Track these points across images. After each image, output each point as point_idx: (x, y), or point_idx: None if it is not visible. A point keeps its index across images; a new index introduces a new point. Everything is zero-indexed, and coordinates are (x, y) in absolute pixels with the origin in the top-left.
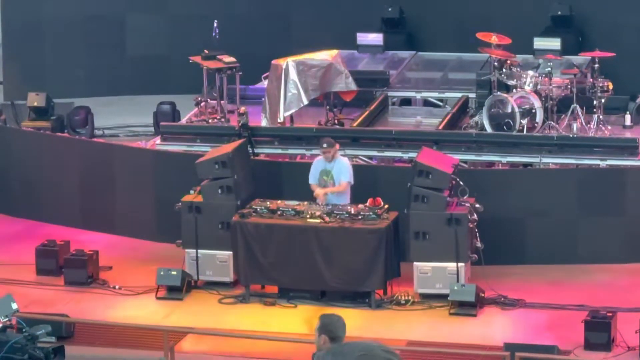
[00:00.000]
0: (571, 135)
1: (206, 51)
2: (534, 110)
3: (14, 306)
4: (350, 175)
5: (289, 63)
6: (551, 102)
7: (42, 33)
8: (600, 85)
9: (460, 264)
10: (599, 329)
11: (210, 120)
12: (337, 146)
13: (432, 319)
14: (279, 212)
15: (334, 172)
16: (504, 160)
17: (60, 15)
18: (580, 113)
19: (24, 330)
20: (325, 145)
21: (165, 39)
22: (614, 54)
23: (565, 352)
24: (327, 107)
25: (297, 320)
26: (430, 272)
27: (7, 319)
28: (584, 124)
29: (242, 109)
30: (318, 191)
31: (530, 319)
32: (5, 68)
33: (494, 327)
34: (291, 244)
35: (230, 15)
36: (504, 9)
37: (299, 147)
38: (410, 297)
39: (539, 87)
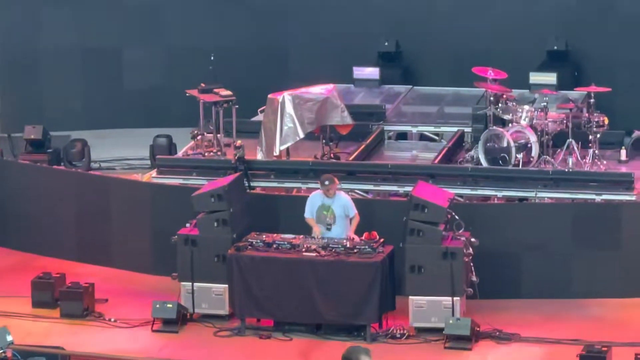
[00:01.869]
0: (567, 170)
1: (203, 84)
2: (529, 145)
3: (9, 338)
4: (355, 208)
5: (285, 97)
6: (547, 136)
7: (39, 66)
8: (596, 120)
9: (455, 298)
10: None
11: (206, 154)
12: (337, 182)
13: (428, 353)
14: (274, 246)
15: (335, 207)
16: (500, 194)
17: (57, 47)
18: (575, 148)
19: None
20: (327, 182)
21: (162, 71)
22: (610, 89)
23: None
24: (323, 140)
25: (292, 353)
26: (426, 306)
27: (2, 351)
28: (579, 158)
29: (239, 142)
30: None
31: (525, 353)
32: (2, 100)
33: None
34: (287, 277)
35: (226, 48)
36: (500, 44)
37: (295, 181)
38: (405, 331)
39: (534, 121)
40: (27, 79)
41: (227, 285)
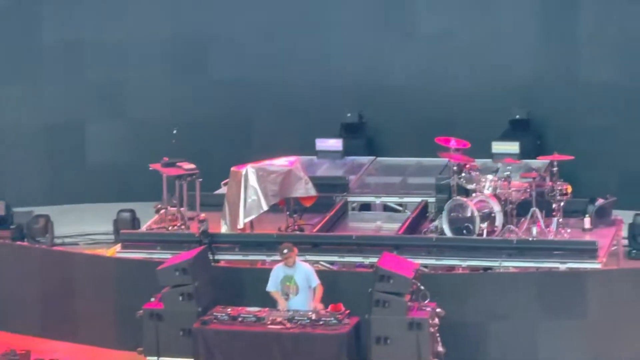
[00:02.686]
0: (531, 239)
1: (166, 158)
2: (493, 214)
3: None
4: (317, 278)
5: (248, 169)
6: (510, 205)
7: (2, 141)
8: (559, 188)
9: None
10: None
11: (170, 228)
12: (295, 250)
13: None
14: (240, 319)
15: (297, 277)
16: (464, 264)
17: (19, 123)
18: (539, 216)
19: None
20: (286, 251)
21: (125, 146)
22: (572, 157)
23: None
24: (288, 212)
25: None
26: None
27: None
28: (543, 227)
29: (202, 215)
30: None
31: None
32: None
33: None
34: (253, 350)
35: (189, 121)
36: (463, 114)
37: (260, 253)
38: None
39: (498, 191)
40: None
41: (193, 359)
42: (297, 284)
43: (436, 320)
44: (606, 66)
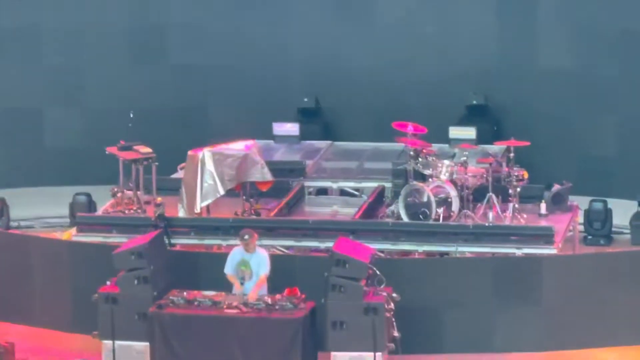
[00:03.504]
0: (487, 224)
1: (122, 142)
2: (449, 199)
3: None
4: (269, 267)
5: (205, 153)
6: (467, 191)
7: None
8: (516, 174)
9: (377, 354)
10: None
11: (126, 211)
12: (256, 236)
13: None
14: (196, 303)
15: (252, 263)
16: (420, 249)
17: None
18: (496, 202)
19: None
20: (246, 237)
21: (81, 130)
22: (529, 143)
23: None
24: (244, 197)
25: None
26: None
27: None
28: (499, 212)
29: (159, 199)
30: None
31: None
32: None
33: None
34: (208, 335)
35: (146, 106)
36: (420, 99)
37: (216, 237)
38: None
39: (454, 176)
40: None
41: (148, 344)
42: (252, 270)
43: (392, 305)
44: (564, 53)
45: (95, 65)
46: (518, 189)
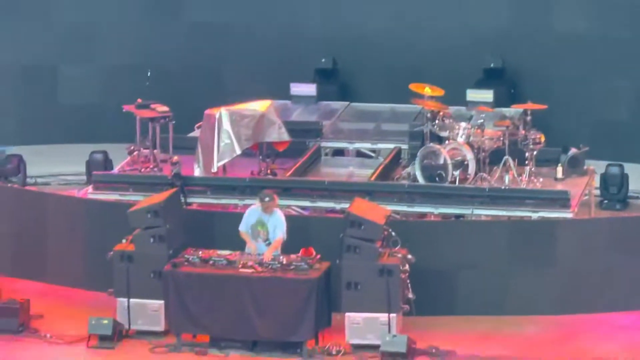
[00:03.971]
0: (503, 187)
1: (139, 100)
2: (466, 162)
3: None
4: (285, 229)
5: (222, 113)
6: (483, 153)
7: None
8: (532, 137)
9: (391, 315)
10: None
11: (142, 170)
12: (277, 198)
13: None
14: (211, 262)
15: (269, 225)
16: (436, 211)
17: None
18: (512, 165)
19: None
20: (266, 199)
21: (98, 88)
22: (546, 107)
23: None
24: (260, 157)
25: None
26: (362, 323)
27: None
28: (515, 176)
29: (175, 158)
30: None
31: None
32: None
33: None
34: (223, 293)
35: (164, 64)
36: (437, 61)
37: (232, 197)
38: (341, 348)
39: (471, 138)
40: None
41: (163, 302)
42: (268, 231)
43: (407, 267)
44: (581, 15)
45: (110, 22)
46: (534, 153)
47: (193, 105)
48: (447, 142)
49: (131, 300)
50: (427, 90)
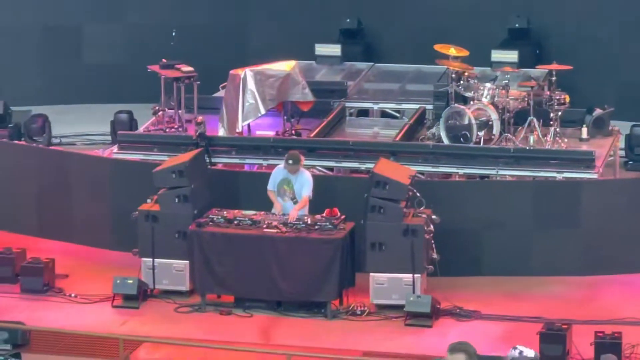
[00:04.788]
0: (528, 148)
1: (164, 60)
2: (490, 123)
3: None
4: (311, 188)
5: (247, 73)
6: (508, 114)
7: (0, 41)
8: (557, 98)
9: (416, 275)
10: (554, 341)
11: (167, 130)
12: (303, 160)
13: (388, 330)
14: (235, 222)
15: (296, 184)
16: (461, 171)
17: (17, 24)
18: (537, 125)
19: None
20: (290, 162)
21: (122, 48)
22: (571, 67)
23: None
24: (285, 117)
25: (253, 329)
26: (386, 283)
27: None
28: (540, 136)
29: (200, 118)
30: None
31: (486, 330)
32: None
33: (449, 338)
34: (247, 253)
35: (188, 24)
36: (462, 21)
37: (257, 157)
38: (366, 308)
39: (496, 99)
40: None
41: (187, 262)
42: (293, 190)
43: (431, 227)
44: None
45: None
46: (559, 113)
47: (218, 66)
48: (471, 102)
49: (156, 260)
50: (452, 50)
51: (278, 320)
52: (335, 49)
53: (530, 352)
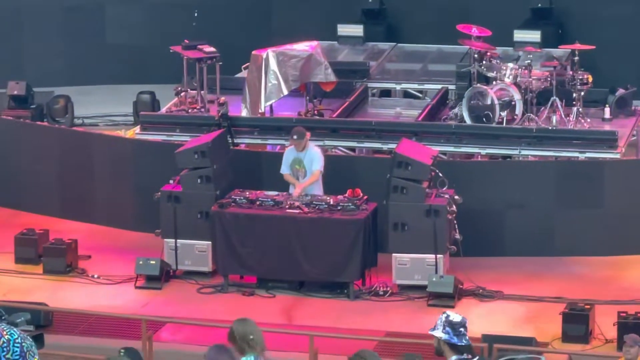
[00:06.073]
0: (550, 128)
1: (186, 41)
2: (513, 103)
3: None
4: (322, 163)
5: (269, 53)
6: (531, 94)
7: (21, 22)
8: (580, 77)
9: (438, 256)
10: (576, 321)
11: (190, 110)
12: (308, 135)
13: (411, 310)
14: (258, 203)
15: (306, 161)
16: (483, 152)
17: (39, 4)
18: (559, 105)
19: (2, 318)
20: (295, 137)
21: (145, 28)
22: (594, 47)
23: (543, 344)
24: (307, 97)
25: (275, 310)
26: (409, 263)
27: None
28: (563, 116)
29: (222, 99)
30: (297, 191)
31: (508, 310)
32: None
33: (472, 319)
34: (270, 234)
35: (210, 5)
36: (485, 1)
37: (279, 138)
38: (388, 288)
39: (518, 79)
40: (9, 35)
41: (210, 242)
42: (305, 168)
43: (454, 208)
44: None
45: None
46: (582, 93)
47: (240, 46)
48: (494, 82)
49: (178, 240)
50: (475, 30)
51: (300, 300)
52: (357, 30)
53: (457, 317)
